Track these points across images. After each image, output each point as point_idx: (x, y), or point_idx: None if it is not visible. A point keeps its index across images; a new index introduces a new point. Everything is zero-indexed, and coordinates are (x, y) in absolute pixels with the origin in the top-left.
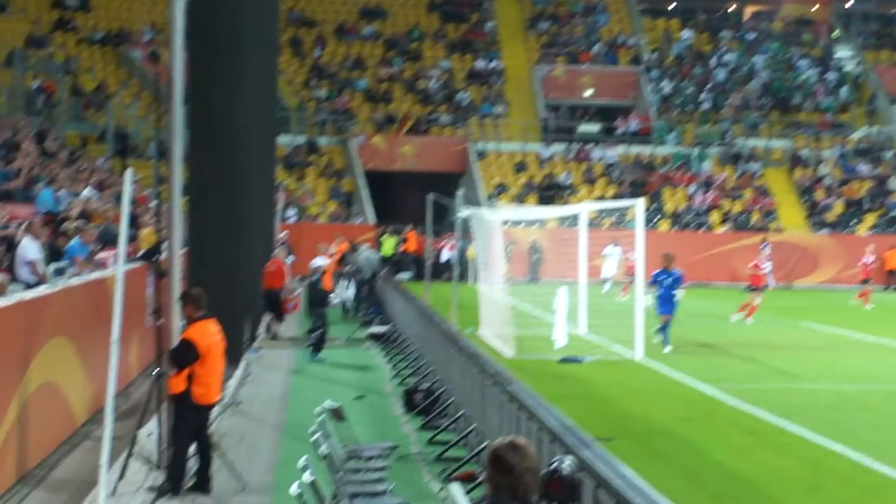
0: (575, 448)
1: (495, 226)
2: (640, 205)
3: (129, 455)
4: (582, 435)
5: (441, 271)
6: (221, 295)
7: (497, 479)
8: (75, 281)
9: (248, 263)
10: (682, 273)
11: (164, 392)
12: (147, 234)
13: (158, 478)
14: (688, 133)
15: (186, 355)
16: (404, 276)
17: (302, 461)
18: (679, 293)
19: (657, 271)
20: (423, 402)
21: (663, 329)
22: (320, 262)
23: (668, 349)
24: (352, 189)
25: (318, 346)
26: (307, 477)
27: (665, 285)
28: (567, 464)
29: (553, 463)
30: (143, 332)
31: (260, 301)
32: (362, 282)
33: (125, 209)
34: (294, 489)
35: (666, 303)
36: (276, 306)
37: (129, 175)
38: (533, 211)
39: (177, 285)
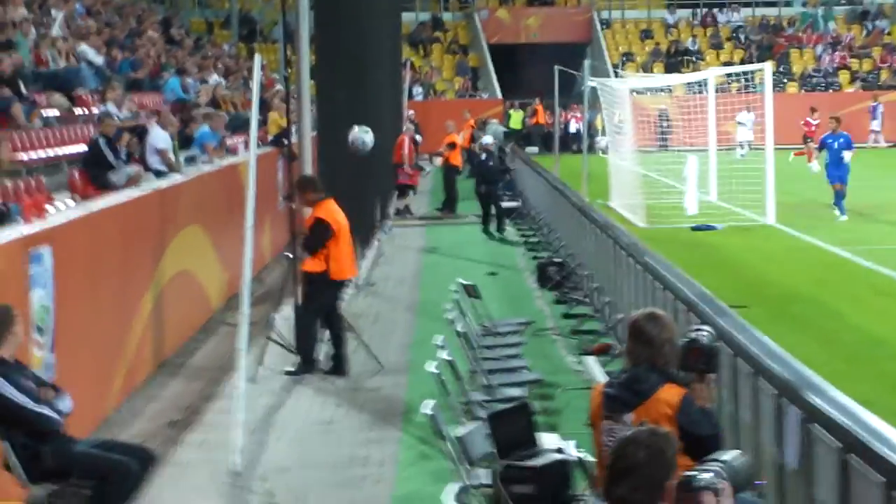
0: (711, 317)
1: (624, 95)
2: (768, 68)
3: (267, 339)
4: (718, 303)
5: (569, 143)
6: (353, 176)
7: (636, 350)
8: (207, 168)
9: (377, 143)
10: (850, 136)
11: (298, 275)
12: (275, 119)
13: (295, 361)
14: None
15: (322, 234)
16: (532, 149)
17: (439, 340)
18: (847, 155)
19: (825, 135)
20: (556, 276)
21: (839, 199)
22: (488, 140)
23: (843, 218)
24: (477, 64)
25: (500, 225)
26: (444, 355)
27: (834, 149)
28: (705, 333)
29: (691, 333)
30: (275, 217)
31: (390, 180)
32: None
33: (255, 94)
34: (431, 367)
35: (836, 167)
36: (396, 181)
37: (257, 60)
38: (660, 78)
39: (308, 169)
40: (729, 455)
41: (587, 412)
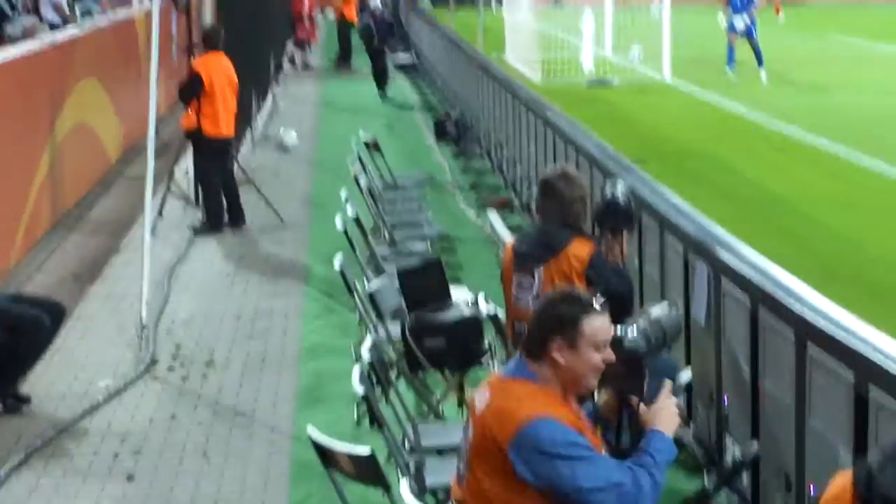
0: (615, 172)
1: None
2: None
3: (167, 192)
4: (621, 159)
5: None
6: (249, 29)
7: (548, 207)
8: (103, 21)
9: None
10: None
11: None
12: None
13: (196, 215)
14: None
15: (190, 88)
16: (425, 2)
17: (343, 194)
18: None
19: None
20: (454, 131)
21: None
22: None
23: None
24: None
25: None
26: (349, 210)
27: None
28: (620, 190)
29: (607, 190)
30: (170, 70)
31: (285, 31)
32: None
33: None
34: (338, 223)
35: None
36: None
37: None
38: None
39: (207, 20)
40: (658, 309)
41: (490, 265)
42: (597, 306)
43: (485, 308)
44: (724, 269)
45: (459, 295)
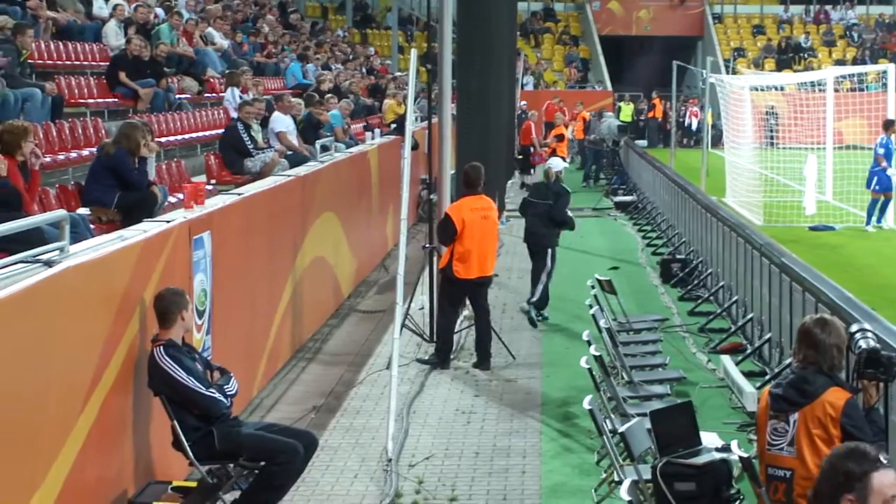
0: (856, 320)
1: (742, 91)
2: (892, 69)
3: (402, 327)
4: (863, 307)
5: (680, 137)
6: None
7: (804, 353)
8: (340, 156)
9: (497, 135)
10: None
11: (435, 266)
12: (392, 106)
13: (428, 350)
14: None
15: (443, 230)
16: (641, 143)
17: (585, 335)
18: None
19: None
20: (679, 273)
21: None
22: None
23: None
24: (587, 55)
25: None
26: (592, 350)
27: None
28: (871, 338)
29: (859, 339)
30: (397, 204)
31: (508, 172)
32: (604, 150)
33: (411, 85)
34: (583, 363)
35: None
36: (528, 161)
37: (413, 54)
38: (778, 77)
39: (448, 159)
40: None
41: (724, 410)
42: (883, 460)
43: (737, 453)
44: None
45: (708, 438)
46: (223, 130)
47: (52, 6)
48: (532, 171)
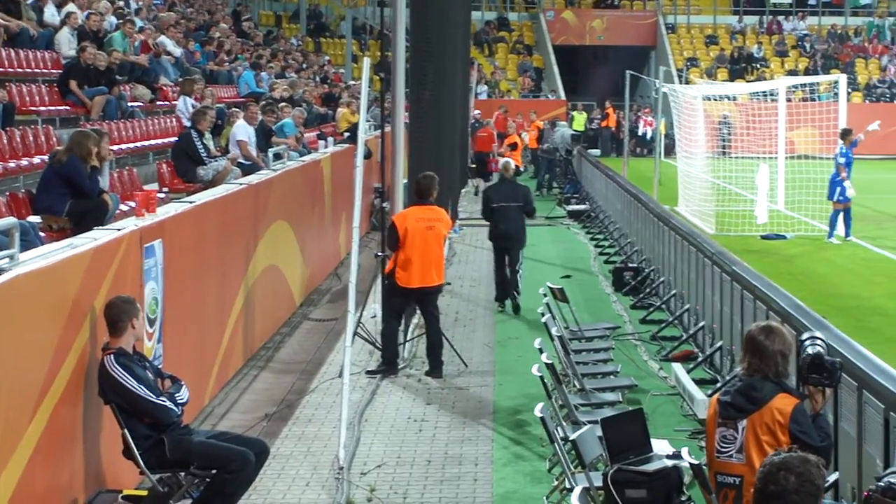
0: (808, 329)
1: (695, 101)
2: (843, 80)
3: (353, 336)
4: (814, 315)
5: (633, 146)
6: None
7: (751, 361)
8: (293, 164)
9: (450, 144)
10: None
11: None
12: (345, 115)
13: (380, 359)
14: (882, 3)
15: (389, 237)
16: (594, 152)
17: (536, 343)
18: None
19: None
20: (632, 281)
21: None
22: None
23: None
24: (542, 65)
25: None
26: (544, 358)
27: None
28: (820, 345)
29: (807, 345)
30: (350, 213)
31: (461, 180)
32: (557, 160)
33: (364, 94)
34: (535, 371)
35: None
36: (485, 168)
37: (366, 63)
38: (732, 86)
39: (401, 168)
40: None
41: (675, 417)
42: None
43: (687, 459)
44: None
45: (659, 446)
46: (176, 138)
47: (10, 13)
48: (490, 177)
